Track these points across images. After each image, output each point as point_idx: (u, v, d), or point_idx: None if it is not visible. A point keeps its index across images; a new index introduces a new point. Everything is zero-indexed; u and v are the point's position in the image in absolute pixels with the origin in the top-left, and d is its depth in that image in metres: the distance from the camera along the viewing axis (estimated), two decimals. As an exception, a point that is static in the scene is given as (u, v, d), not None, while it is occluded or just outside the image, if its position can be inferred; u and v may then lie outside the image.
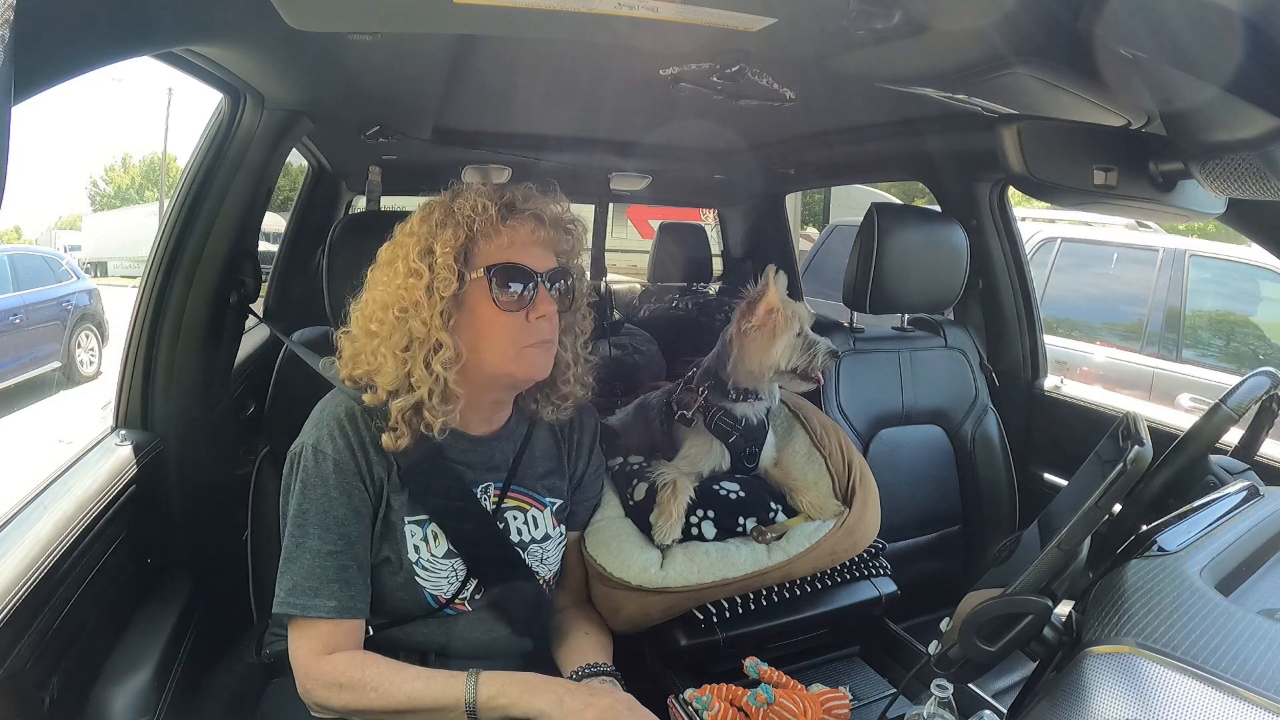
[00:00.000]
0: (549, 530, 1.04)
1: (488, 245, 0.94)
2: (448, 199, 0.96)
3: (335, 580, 0.90)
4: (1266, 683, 0.56)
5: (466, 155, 2.25)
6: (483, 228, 0.93)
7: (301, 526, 0.91)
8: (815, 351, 1.25)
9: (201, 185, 1.30)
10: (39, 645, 0.85)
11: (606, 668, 0.99)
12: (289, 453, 0.95)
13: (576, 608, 1.13)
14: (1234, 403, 1.11)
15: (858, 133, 1.87)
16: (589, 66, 1.41)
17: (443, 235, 0.93)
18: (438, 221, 0.94)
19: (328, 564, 0.90)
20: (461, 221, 0.93)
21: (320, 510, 0.91)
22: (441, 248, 0.92)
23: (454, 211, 0.94)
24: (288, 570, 0.91)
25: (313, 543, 0.90)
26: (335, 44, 1.11)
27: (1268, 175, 0.72)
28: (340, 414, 0.94)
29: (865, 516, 1.24)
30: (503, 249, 0.94)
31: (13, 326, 6.15)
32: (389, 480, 0.94)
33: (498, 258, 0.94)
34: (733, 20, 0.95)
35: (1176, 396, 3.37)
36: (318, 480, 0.91)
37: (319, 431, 0.93)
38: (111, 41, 0.78)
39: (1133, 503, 1.07)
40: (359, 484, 0.93)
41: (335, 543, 0.91)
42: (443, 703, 0.86)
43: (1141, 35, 0.73)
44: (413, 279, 0.92)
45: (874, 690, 1.16)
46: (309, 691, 0.90)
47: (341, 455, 0.92)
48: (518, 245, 0.95)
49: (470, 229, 0.93)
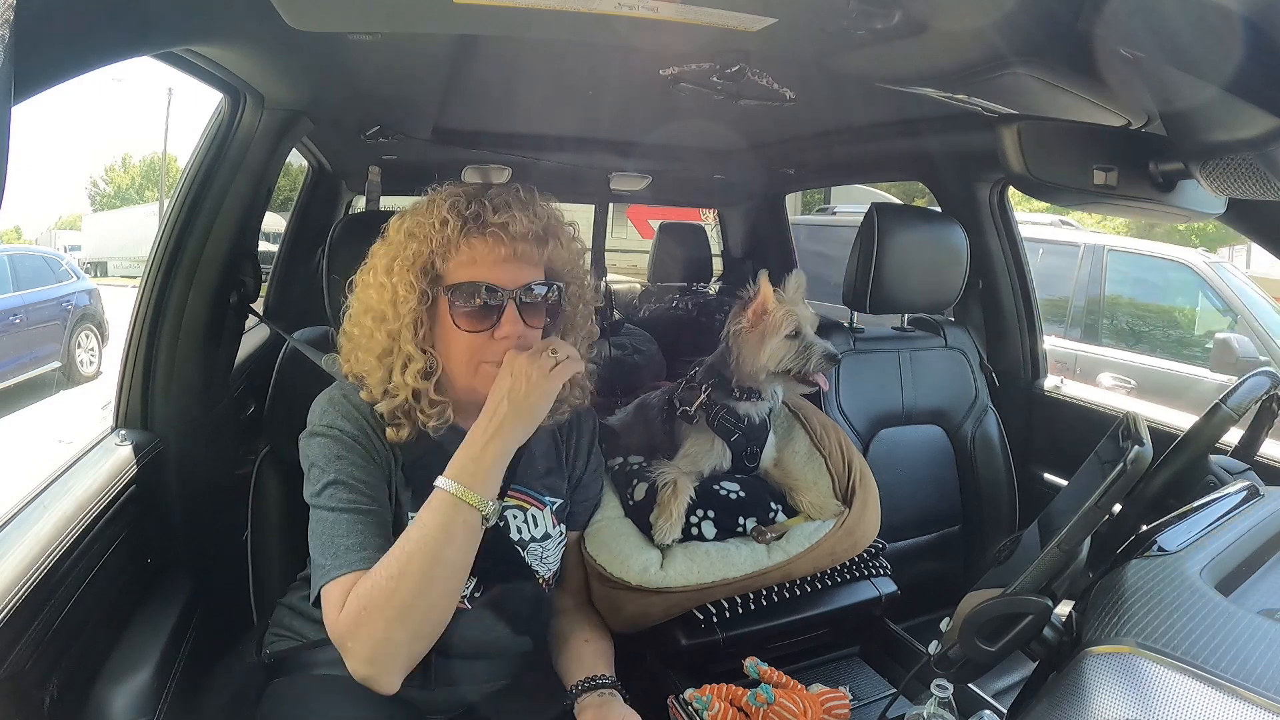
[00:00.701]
0: (549, 529, 1.04)
1: (452, 261, 0.92)
2: (421, 208, 0.94)
3: (378, 535, 0.89)
4: (1266, 683, 0.56)
5: (466, 155, 2.25)
6: (443, 244, 0.91)
7: (331, 494, 0.89)
8: (810, 354, 1.23)
9: (201, 185, 1.30)
10: (39, 645, 0.85)
11: (606, 679, 0.99)
12: (301, 438, 0.95)
13: (578, 610, 1.12)
14: (1234, 403, 1.11)
15: (858, 133, 1.87)
16: (589, 66, 1.41)
17: (405, 251, 0.91)
18: (407, 232, 0.93)
19: (367, 520, 0.89)
20: (423, 237, 0.91)
21: (349, 475, 0.90)
22: (400, 266, 0.90)
23: (420, 224, 0.92)
24: (327, 540, 0.87)
25: (346, 505, 0.89)
26: (335, 44, 1.11)
27: (1268, 175, 0.72)
28: (341, 398, 0.95)
29: (865, 516, 1.24)
30: (465, 266, 0.92)
31: (13, 326, 6.15)
32: (395, 472, 0.95)
33: (459, 275, 0.92)
34: (733, 20, 0.95)
35: (1097, 375, 3.84)
36: (342, 449, 0.91)
37: (327, 414, 0.94)
38: (111, 41, 0.78)
39: (1133, 503, 1.07)
40: (375, 454, 0.93)
41: (369, 503, 0.90)
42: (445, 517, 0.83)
43: (1141, 35, 0.73)
44: (379, 292, 0.92)
45: (874, 690, 1.16)
46: (353, 653, 0.82)
47: (354, 431, 0.93)
48: (482, 263, 0.92)
49: (431, 245, 0.91)
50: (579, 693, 0.97)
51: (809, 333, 1.25)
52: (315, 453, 0.92)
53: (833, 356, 1.24)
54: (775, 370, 1.24)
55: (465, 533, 0.84)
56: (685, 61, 1.21)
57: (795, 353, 1.23)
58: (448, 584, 0.85)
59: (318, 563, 0.88)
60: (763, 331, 1.23)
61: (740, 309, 1.26)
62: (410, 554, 0.82)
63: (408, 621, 0.82)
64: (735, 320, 1.26)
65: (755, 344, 1.23)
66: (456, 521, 0.84)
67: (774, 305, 1.24)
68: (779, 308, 1.24)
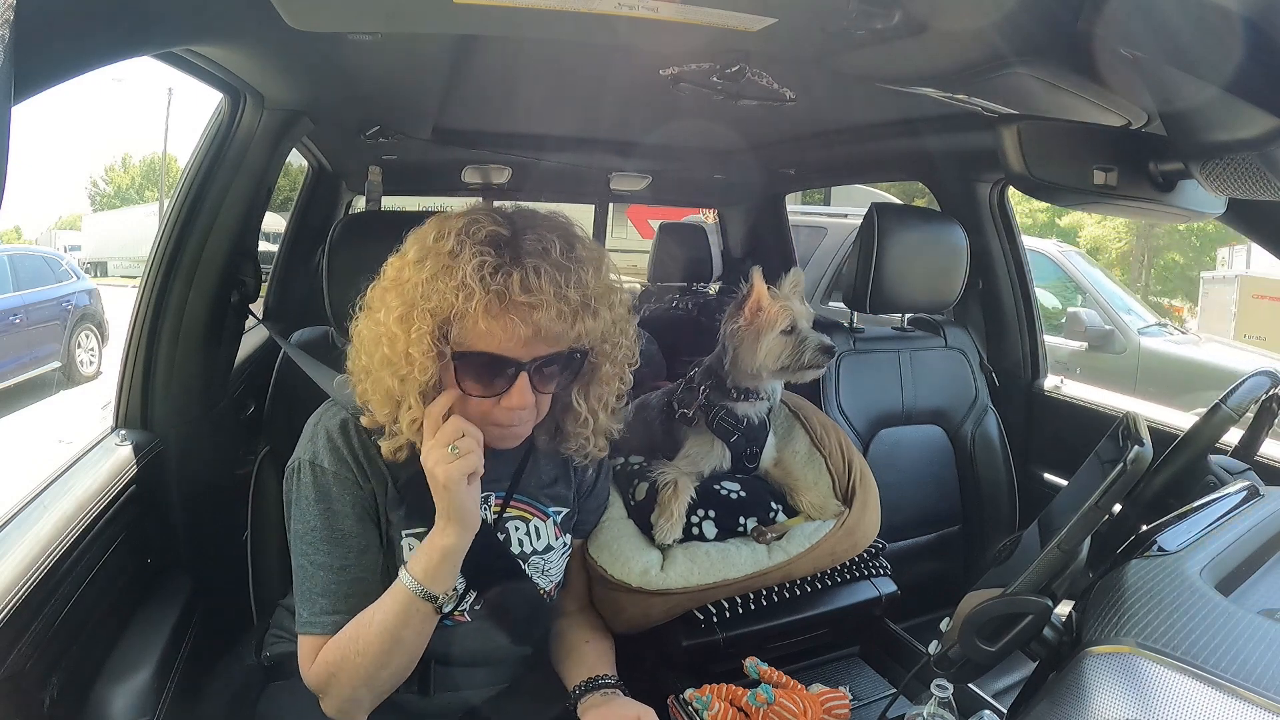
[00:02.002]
0: (551, 541, 1.02)
1: (466, 328, 0.83)
2: (444, 261, 0.82)
3: (353, 594, 0.89)
4: (1266, 683, 0.56)
5: (466, 155, 2.25)
6: (460, 314, 0.81)
7: (311, 543, 0.90)
8: (804, 348, 1.22)
9: (201, 185, 1.30)
10: (39, 645, 0.85)
11: (608, 679, 0.99)
12: (286, 467, 0.93)
13: (580, 612, 1.12)
14: (1234, 403, 1.11)
15: (858, 133, 1.87)
16: (589, 66, 1.41)
17: (424, 305, 0.82)
18: (425, 284, 0.82)
19: (343, 579, 0.89)
20: (443, 301, 0.81)
21: (327, 525, 0.89)
22: (420, 329, 0.82)
23: (441, 283, 0.81)
24: (305, 591, 0.90)
25: (323, 559, 0.89)
26: (335, 44, 1.11)
27: (1268, 175, 0.71)
28: (333, 427, 0.92)
29: (865, 517, 1.24)
30: (481, 337, 0.83)
31: (13, 326, 6.15)
32: (385, 494, 0.93)
33: (471, 344, 0.83)
34: (733, 20, 0.95)
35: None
36: (319, 494, 0.90)
37: (314, 446, 0.92)
38: (111, 41, 0.77)
39: (1133, 503, 1.07)
40: (360, 492, 0.91)
41: (346, 556, 0.90)
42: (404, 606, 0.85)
43: (1141, 35, 0.73)
44: (388, 339, 0.84)
45: (874, 690, 1.16)
46: (324, 701, 0.89)
47: (339, 468, 0.90)
48: (498, 338, 0.83)
49: (447, 311, 0.82)
50: (581, 693, 0.96)
51: (804, 327, 1.24)
52: (298, 492, 0.91)
53: (829, 349, 1.23)
54: (773, 368, 1.23)
55: (421, 619, 0.86)
56: (685, 61, 1.20)
57: (791, 348, 1.22)
58: (407, 656, 0.88)
59: (297, 598, 0.92)
60: (758, 329, 1.22)
61: (736, 308, 1.25)
62: (373, 635, 0.86)
63: (372, 684, 0.88)
64: (732, 319, 1.25)
65: (751, 342, 1.22)
66: (413, 611, 0.85)
67: (768, 302, 1.23)
68: (774, 304, 1.23)
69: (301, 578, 0.91)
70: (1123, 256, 15.57)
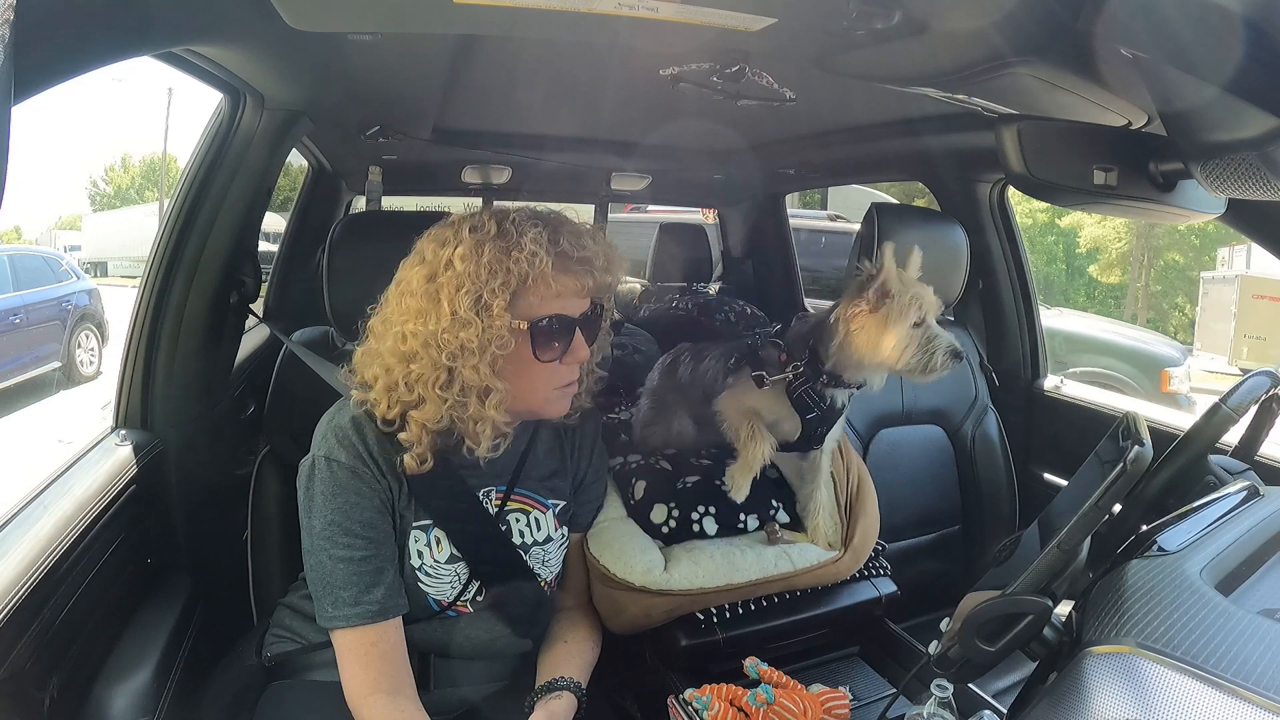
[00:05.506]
0: (550, 532, 1.04)
1: (535, 296, 0.90)
2: (499, 243, 0.88)
3: (375, 584, 0.90)
4: (1266, 683, 0.56)
5: (467, 155, 2.25)
6: (535, 280, 0.89)
7: (330, 537, 0.90)
8: (934, 348, 1.08)
9: (201, 185, 1.30)
10: (39, 645, 0.85)
11: (563, 681, 0.98)
12: (300, 465, 0.94)
13: (576, 610, 1.13)
14: (1234, 403, 1.10)
15: (858, 133, 1.87)
16: (589, 66, 1.41)
17: (493, 284, 0.87)
18: (488, 267, 0.87)
19: (364, 569, 0.90)
20: (515, 272, 0.87)
21: (346, 517, 0.90)
22: (499, 305, 0.87)
23: (506, 258, 0.87)
24: (327, 585, 0.90)
25: (343, 552, 0.90)
26: (335, 44, 1.11)
27: (1268, 175, 0.71)
28: (346, 424, 0.93)
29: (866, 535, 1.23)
30: (548, 300, 0.91)
31: (13, 326, 6.15)
32: (399, 490, 0.94)
33: (543, 310, 0.91)
34: (733, 20, 0.95)
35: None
36: (336, 488, 0.91)
37: (327, 442, 0.93)
38: (111, 41, 0.77)
39: (1133, 503, 1.07)
40: (376, 486, 0.92)
41: (366, 547, 0.91)
42: None
43: (1141, 35, 0.73)
44: (463, 330, 0.87)
45: (874, 690, 1.16)
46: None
47: (354, 462, 0.91)
48: (564, 296, 0.92)
49: (524, 281, 0.88)
50: (537, 696, 0.96)
51: (932, 322, 1.10)
52: (315, 488, 0.92)
53: (958, 353, 1.09)
54: (895, 364, 1.09)
55: None
56: (685, 62, 1.20)
57: (919, 345, 1.08)
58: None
59: (318, 596, 0.92)
60: (884, 316, 1.08)
61: (858, 290, 1.10)
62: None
63: None
64: (853, 302, 1.10)
65: (874, 331, 1.08)
66: None
67: (899, 288, 1.09)
68: (904, 290, 1.08)
69: (321, 574, 0.91)
70: (1123, 256, 15.58)
